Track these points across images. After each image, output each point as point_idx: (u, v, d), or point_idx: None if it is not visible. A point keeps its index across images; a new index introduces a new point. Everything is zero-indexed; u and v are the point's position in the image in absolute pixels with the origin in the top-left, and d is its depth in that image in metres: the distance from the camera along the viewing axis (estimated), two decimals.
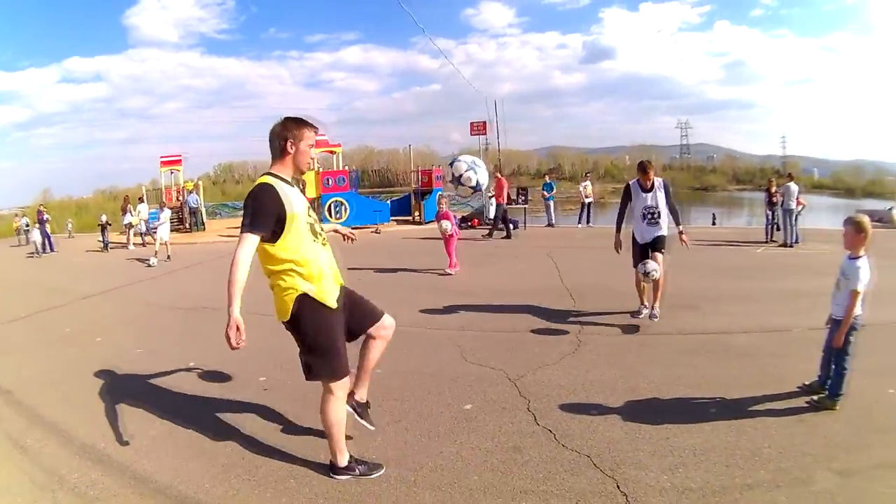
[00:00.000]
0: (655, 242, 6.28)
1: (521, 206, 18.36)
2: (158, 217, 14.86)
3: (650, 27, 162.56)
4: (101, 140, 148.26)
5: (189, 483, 3.27)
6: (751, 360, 4.99)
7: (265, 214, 2.78)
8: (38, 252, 17.29)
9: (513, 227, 16.06)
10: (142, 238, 18.37)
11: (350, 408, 3.32)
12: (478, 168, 9.48)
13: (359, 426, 3.52)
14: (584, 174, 23.01)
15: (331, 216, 17.99)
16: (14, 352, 6.39)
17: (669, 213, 6.31)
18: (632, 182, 6.40)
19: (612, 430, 3.73)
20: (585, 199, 18.50)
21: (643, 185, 6.23)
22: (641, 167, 6.28)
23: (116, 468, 3.49)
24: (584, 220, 18.39)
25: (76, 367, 5.53)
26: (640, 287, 6.38)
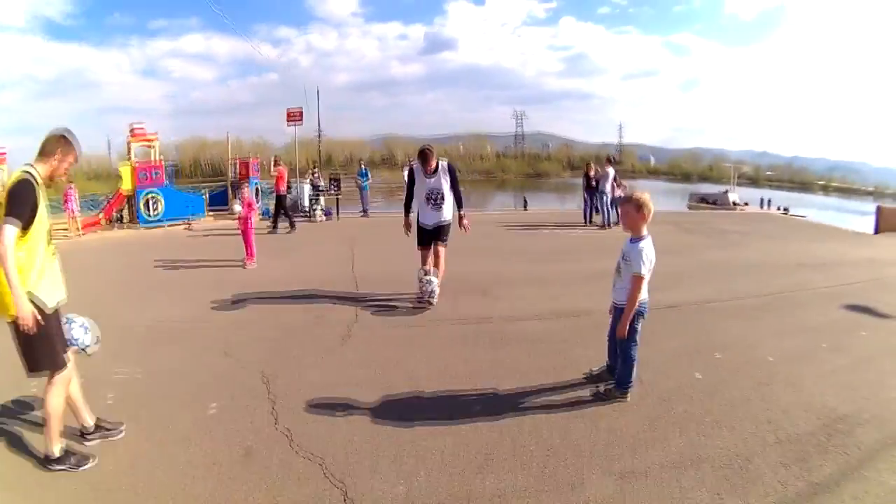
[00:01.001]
0: (439, 232, 6.22)
1: (335, 195, 17.69)
2: None
3: (495, 20, 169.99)
4: None
5: None
6: (535, 347, 4.79)
7: (27, 205, 2.85)
8: None
9: (326, 217, 16.08)
10: None
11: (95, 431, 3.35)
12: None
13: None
14: (408, 160, 22.79)
15: (147, 211, 16.42)
16: None
17: (454, 197, 6.28)
18: (415, 165, 6.30)
19: (355, 433, 3.36)
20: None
21: (425, 171, 6.14)
22: (421, 155, 6.11)
23: None
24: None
25: None
26: (420, 274, 6.28)
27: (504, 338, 5.07)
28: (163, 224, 16.43)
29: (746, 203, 34.19)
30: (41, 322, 2.86)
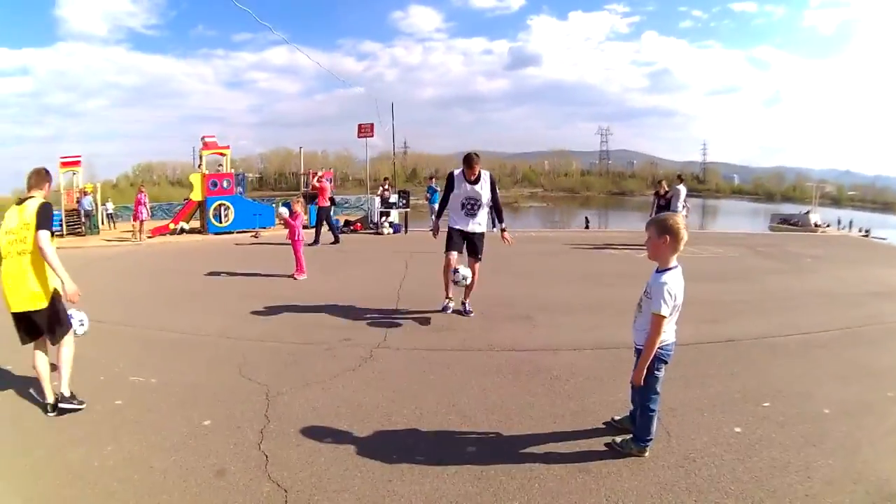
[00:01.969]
0: (473, 245, 6.19)
1: (404, 210, 17.72)
2: None
3: (578, 35, 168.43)
4: (24, 137, 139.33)
5: None
6: (561, 385, 4.30)
7: (52, 220, 3.97)
8: None
9: (393, 231, 15.99)
10: None
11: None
12: None
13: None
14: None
15: (219, 220, 17.34)
16: None
17: (493, 210, 6.30)
18: (456, 172, 6.22)
19: (332, 465, 3.12)
20: None
21: (468, 177, 6.09)
22: (467, 160, 6.06)
23: None
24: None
25: None
26: (448, 277, 6.22)
27: (531, 370, 4.63)
28: (231, 232, 17.06)
29: (828, 224, 32.14)
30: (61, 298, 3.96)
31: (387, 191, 18.09)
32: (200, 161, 19.48)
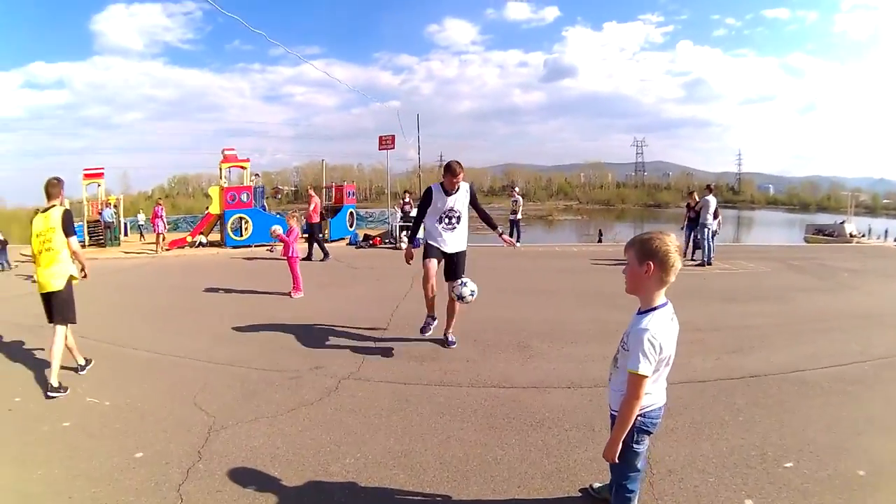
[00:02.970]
0: (455, 265, 5.62)
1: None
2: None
3: (613, 46, 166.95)
4: (60, 149, 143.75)
5: None
6: (542, 433, 3.65)
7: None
8: None
9: (413, 246, 15.05)
10: None
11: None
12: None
13: None
14: (511, 187, 21.81)
15: (239, 234, 17.28)
16: None
17: (482, 219, 5.82)
18: (434, 185, 5.62)
19: None
20: (511, 216, 17.47)
21: (447, 189, 5.50)
22: (449, 168, 5.43)
23: None
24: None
25: None
26: (428, 290, 5.59)
27: (509, 414, 3.99)
28: (249, 246, 16.88)
29: (864, 234, 30.70)
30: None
31: (408, 204, 17.70)
32: (220, 173, 19.48)
